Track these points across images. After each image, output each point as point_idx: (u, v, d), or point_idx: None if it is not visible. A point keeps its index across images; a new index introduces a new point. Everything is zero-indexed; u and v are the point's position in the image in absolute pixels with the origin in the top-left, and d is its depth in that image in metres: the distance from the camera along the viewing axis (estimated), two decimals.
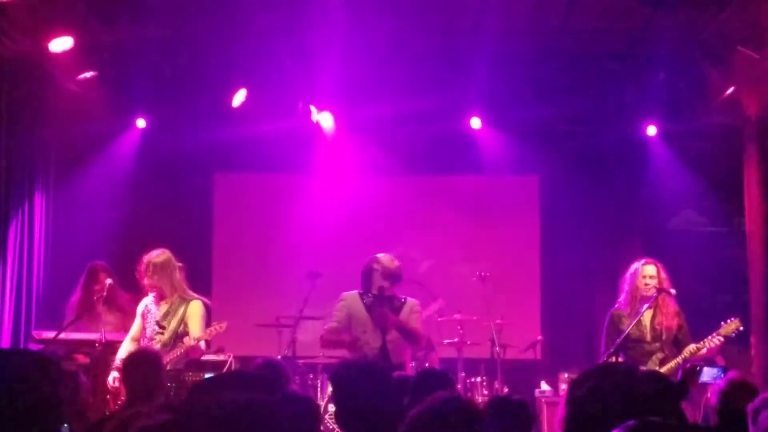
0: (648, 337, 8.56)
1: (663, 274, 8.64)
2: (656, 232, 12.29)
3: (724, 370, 7.82)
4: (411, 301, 8.63)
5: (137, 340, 8.49)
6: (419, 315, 8.67)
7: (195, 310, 8.52)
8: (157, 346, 8.17)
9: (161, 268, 8.47)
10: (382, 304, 8.43)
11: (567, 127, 12.08)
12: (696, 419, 8.55)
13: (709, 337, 8.33)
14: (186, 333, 8.39)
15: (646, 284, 8.58)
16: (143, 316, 8.50)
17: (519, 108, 11.47)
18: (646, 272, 8.63)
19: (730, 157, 11.55)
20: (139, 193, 12.02)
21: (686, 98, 11.28)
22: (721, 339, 8.29)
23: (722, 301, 11.92)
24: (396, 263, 8.63)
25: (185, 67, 10.88)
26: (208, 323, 8.64)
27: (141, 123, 11.84)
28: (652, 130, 11.85)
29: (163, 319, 8.41)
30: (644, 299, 8.57)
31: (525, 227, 12.75)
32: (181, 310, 8.46)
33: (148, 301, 8.53)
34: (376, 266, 8.54)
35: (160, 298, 8.49)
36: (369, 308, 8.45)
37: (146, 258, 8.49)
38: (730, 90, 10.81)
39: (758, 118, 10.90)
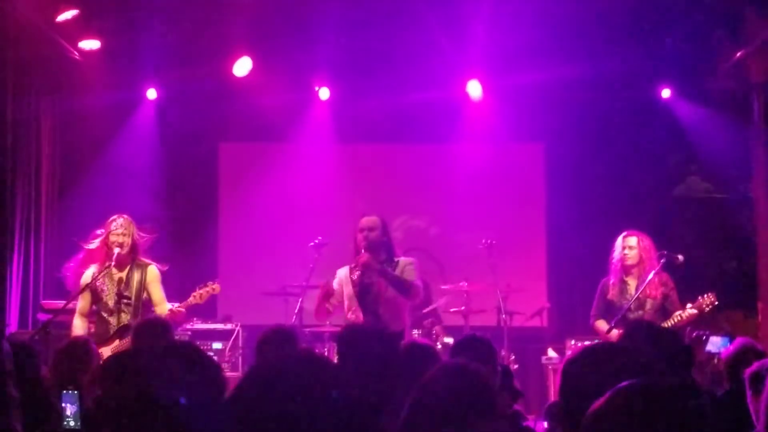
0: (632, 306, 8.80)
1: (643, 244, 8.98)
2: (662, 198, 12.27)
3: (730, 338, 8.00)
4: (404, 260, 8.37)
5: (87, 315, 8.26)
6: (415, 269, 8.33)
7: (154, 275, 8.34)
8: (126, 317, 8.09)
9: (129, 227, 8.30)
10: (371, 274, 8.20)
11: (572, 93, 12.04)
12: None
13: (685, 310, 8.64)
14: (149, 299, 8.28)
15: (625, 254, 8.97)
16: (94, 289, 8.21)
17: (524, 74, 11.43)
18: (627, 243, 9.03)
19: (737, 123, 11.53)
20: (145, 162, 12.00)
21: (693, 63, 11.25)
22: (695, 312, 8.56)
23: (728, 267, 11.92)
24: (371, 217, 8.38)
25: (189, 37, 10.86)
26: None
27: (152, 94, 11.84)
28: (666, 93, 11.84)
29: (125, 288, 8.21)
30: (627, 269, 8.97)
31: (531, 194, 12.75)
32: (137, 275, 8.26)
33: (94, 272, 8.22)
34: (359, 233, 8.29)
35: (117, 264, 8.21)
36: (355, 283, 8.22)
37: (115, 218, 8.29)
38: (738, 55, 10.78)
39: (765, 84, 10.88)
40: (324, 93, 12.09)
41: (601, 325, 8.83)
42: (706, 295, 8.63)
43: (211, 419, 2.59)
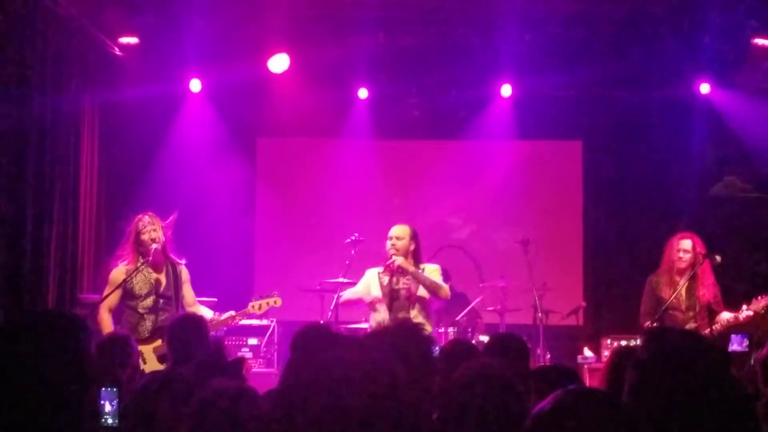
0: (683, 306, 9.03)
1: (699, 248, 9.06)
2: (700, 197, 12.18)
3: (749, 336, 8.12)
4: (429, 266, 8.74)
5: (113, 310, 8.30)
6: (441, 274, 8.79)
7: (187, 275, 8.49)
8: (165, 316, 8.14)
9: (157, 222, 8.36)
10: (401, 279, 8.61)
11: (610, 90, 11.99)
12: None
13: (741, 311, 8.75)
14: (182, 299, 8.37)
15: (680, 257, 9.05)
16: (125, 288, 8.27)
17: (562, 71, 11.40)
18: (682, 246, 9.09)
19: None
20: (181, 156, 12.02)
21: (732, 62, 11.16)
22: (751, 314, 8.62)
23: (765, 267, 11.82)
24: (399, 226, 8.79)
25: (229, 32, 10.89)
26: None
27: (195, 86, 11.78)
28: (705, 88, 11.73)
29: (167, 289, 8.32)
30: (680, 271, 9.04)
31: (568, 192, 12.69)
32: (173, 274, 8.37)
33: (126, 272, 8.27)
34: (388, 241, 8.70)
35: (153, 265, 8.31)
36: (384, 288, 8.63)
37: (141, 217, 8.36)
38: None
39: None
40: (363, 93, 12.08)
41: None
42: (761, 296, 8.73)
43: None
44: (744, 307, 8.74)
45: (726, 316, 8.81)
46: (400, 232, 8.72)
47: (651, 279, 9.24)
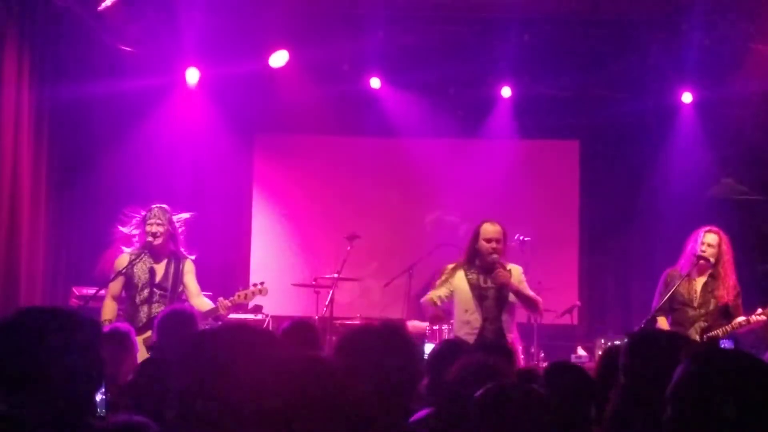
0: (695, 303, 8.57)
1: (724, 246, 8.60)
2: (696, 199, 12.18)
3: (734, 340, 8.12)
4: (516, 268, 8.30)
5: (117, 299, 8.31)
6: (524, 278, 8.35)
7: (190, 267, 8.39)
8: (160, 308, 8.04)
9: (164, 216, 8.32)
10: (488, 276, 8.13)
11: (607, 92, 12.00)
12: None
13: (756, 314, 8.40)
14: (183, 291, 8.32)
15: (703, 251, 8.54)
16: (127, 276, 8.24)
17: (560, 73, 11.41)
18: (707, 240, 8.59)
19: None
20: (179, 151, 12.01)
21: (725, 65, 11.16)
22: (764, 318, 8.38)
23: (763, 270, 11.82)
24: (497, 227, 8.23)
25: (230, 27, 10.88)
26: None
27: (192, 78, 11.68)
28: (687, 98, 11.75)
29: (163, 279, 8.26)
30: (700, 267, 8.58)
31: (564, 191, 12.68)
32: (174, 267, 8.31)
33: (129, 260, 8.24)
34: (480, 236, 8.21)
35: (155, 255, 8.29)
36: (473, 286, 8.12)
37: (152, 207, 8.33)
38: None
39: None
40: (375, 82, 12.01)
41: (663, 323, 8.60)
42: None
43: None
44: (759, 310, 8.44)
45: (740, 319, 8.43)
46: (499, 234, 8.17)
47: (668, 272, 8.76)
